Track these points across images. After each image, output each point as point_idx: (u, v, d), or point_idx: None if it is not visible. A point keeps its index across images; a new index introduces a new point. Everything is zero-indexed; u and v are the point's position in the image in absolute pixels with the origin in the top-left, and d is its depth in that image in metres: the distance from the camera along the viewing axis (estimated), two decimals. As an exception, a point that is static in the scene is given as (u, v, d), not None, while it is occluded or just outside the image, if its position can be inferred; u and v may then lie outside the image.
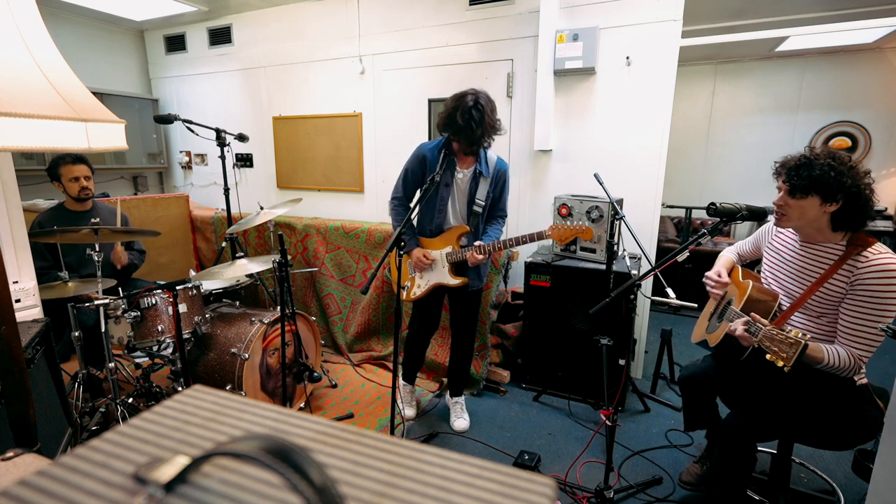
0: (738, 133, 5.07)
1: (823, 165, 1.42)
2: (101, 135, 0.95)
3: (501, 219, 2.32)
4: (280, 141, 3.98)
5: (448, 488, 0.35)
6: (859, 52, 4.44)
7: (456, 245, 2.21)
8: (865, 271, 1.42)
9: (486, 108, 1.98)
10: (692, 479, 1.96)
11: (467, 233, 2.20)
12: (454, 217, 2.24)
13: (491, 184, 2.18)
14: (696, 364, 1.94)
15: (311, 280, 3.51)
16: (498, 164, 2.20)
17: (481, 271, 2.31)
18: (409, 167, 2.23)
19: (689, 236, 4.67)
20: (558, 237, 2.07)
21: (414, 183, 2.25)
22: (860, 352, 1.43)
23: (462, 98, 2.00)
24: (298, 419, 0.44)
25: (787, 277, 1.65)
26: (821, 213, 1.47)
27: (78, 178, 2.54)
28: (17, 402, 1.11)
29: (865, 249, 1.44)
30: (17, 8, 0.87)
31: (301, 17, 3.66)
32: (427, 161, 2.18)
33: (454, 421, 2.49)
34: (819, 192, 1.43)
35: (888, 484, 1.27)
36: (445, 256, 2.21)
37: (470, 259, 2.12)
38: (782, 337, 1.34)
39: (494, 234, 2.26)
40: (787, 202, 1.51)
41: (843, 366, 1.44)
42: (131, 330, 2.10)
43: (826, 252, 1.54)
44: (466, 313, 2.37)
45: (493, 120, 2.02)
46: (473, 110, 1.95)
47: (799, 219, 1.51)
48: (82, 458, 0.37)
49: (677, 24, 2.58)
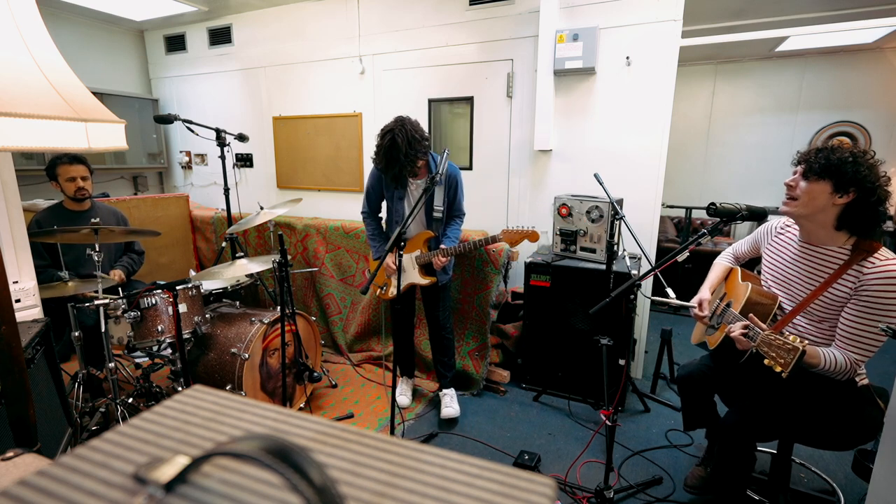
0: (738, 133, 5.07)
1: (845, 153, 1.41)
2: (101, 135, 0.95)
3: (459, 218, 2.49)
4: (280, 141, 3.98)
5: (448, 488, 0.35)
6: (859, 52, 4.45)
7: (423, 248, 2.42)
8: (872, 277, 1.39)
9: (402, 145, 2.10)
10: (697, 482, 1.95)
11: (432, 237, 2.40)
12: (414, 224, 2.42)
13: (444, 189, 2.34)
14: (694, 363, 1.94)
15: (311, 280, 3.51)
16: (449, 170, 2.33)
17: (446, 267, 2.49)
18: (369, 184, 2.48)
19: (689, 236, 4.67)
20: (510, 240, 2.24)
21: (376, 197, 2.50)
22: (857, 356, 1.42)
23: (382, 137, 2.17)
24: (298, 419, 0.44)
25: (787, 280, 1.64)
26: (829, 203, 1.44)
27: (74, 178, 2.53)
28: (17, 402, 1.11)
29: (872, 255, 1.42)
30: (17, 8, 0.87)
31: (301, 17, 3.66)
32: (382, 178, 2.39)
33: (442, 410, 2.56)
34: (833, 177, 1.41)
35: (888, 484, 1.27)
36: (414, 259, 2.41)
37: (436, 263, 2.33)
38: (780, 342, 1.33)
39: (454, 235, 2.45)
40: (799, 183, 1.48)
41: (839, 370, 1.43)
42: (131, 330, 2.10)
43: (829, 256, 1.51)
44: (435, 304, 2.56)
45: (413, 152, 2.13)
46: (392, 150, 2.12)
47: (806, 204, 1.47)
48: (82, 458, 0.37)
49: (677, 24, 2.58)
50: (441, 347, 2.63)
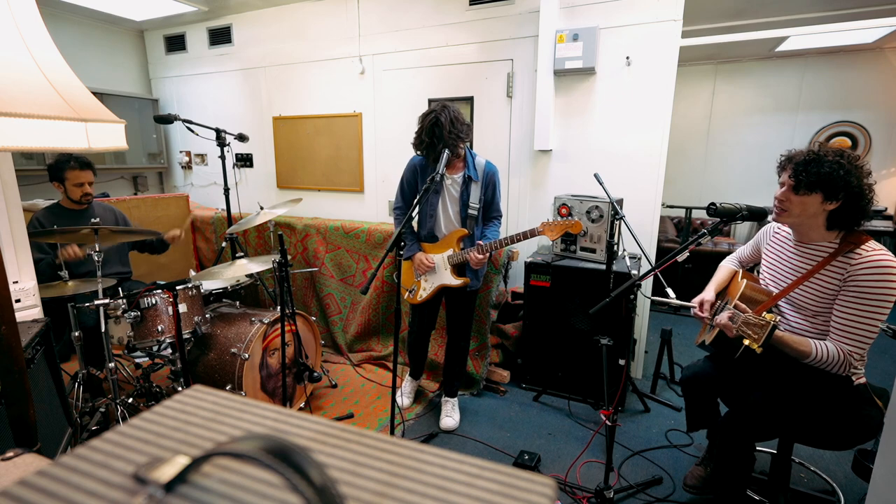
0: (738, 133, 5.07)
1: (833, 163, 1.41)
2: (101, 135, 0.95)
3: (497, 220, 2.39)
4: (280, 141, 3.98)
5: (448, 488, 0.35)
6: (859, 52, 4.45)
7: (456, 248, 2.30)
8: (859, 268, 1.42)
9: (446, 123, 2.06)
10: (696, 482, 1.95)
11: (466, 236, 2.29)
12: (446, 221, 2.33)
13: (482, 187, 2.25)
14: (698, 364, 1.94)
15: (311, 280, 3.51)
16: (487, 168, 2.27)
17: (479, 273, 2.39)
18: (404, 177, 2.36)
19: (689, 236, 4.67)
20: (550, 233, 2.16)
21: (410, 191, 2.36)
22: (851, 347, 1.43)
23: (423, 119, 2.13)
24: (298, 419, 0.44)
25: (782, 277, 1.65)
26: (820, 209, 1.47)
27: (83, 183, 2.54)
28: (17, 402, 1.11)
29: (858, 246, 1.44)
30: (17, 8, 0.87)
31: (301, 17, 3.66)
32: (418, 169, 2.30)
33: (442, 419, 2.51)
34: (823, 189, 1.43)
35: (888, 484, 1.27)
36: (447, 259, 2.30)
37: (472, 259, 2.20)
38: (755, 321, 1.37)
39: (492, 235, 2.33)
40: (790, 198, 1.50)
41: (831, 361, 1.44)
42: (131, 330, 2.10)
43: (819, 251, 1.54)
44: (463, 312, 2.45)
45: (456, 131, 2.09)
46: (435, 127, 2.07)
47: (799, 214, 1.51)
48: (82, 458, 0.37)
49: (677, 24, 2.58)
50: (457, 357, 2.54)
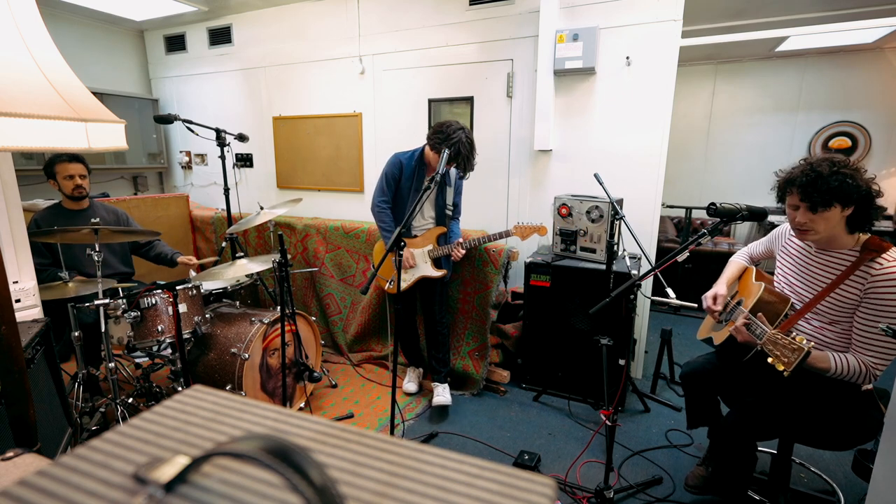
0: (738, 133, 5.07)
1: (837, 175, 1.41)
2: (101, 135, 0.95)
3: (458, 218, 2.69)
4: (280, 141, 3.98)
5: (448, 488, 0.35)
6: (859, 52, 4.44)
7: (435, 244, 2.56)
8: (880, 279, 1.39)
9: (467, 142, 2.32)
10: (697, 482, 1.95)
11: (444, 233, 2.57)
12: (421, 218, 2.58)
13: (454, 190, 2.55)
14: (698, 360, 1.93)
15: (311, 280, 3.51)
16: (457, 174, 2.54)
17: (452, 264, 2.66)
18: (388, 171, 2.50)
19: (689, 236, 4.67)
20: (520, 234, 2.47)
21: (392, 186, 2.51)
22: (873, 360, 1.41)
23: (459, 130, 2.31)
24: (298, 419, 0.44)
25: (800, 283, 1.64)
26: (840, 217, 1.47)
27: (72, 175, 2.53)
28: (17, 402, 1.11)
29: (880, 255, 1.42)
30: (17, 8, 0.87)
31: (301, 17, 3.66)
32: (403, 167, 2.48)
33: (434, 398, 2.62)
34: (840, 200, 1.42)
35: (888, 484, 1.27)
36: (428, 253, 2.55)
37: (455, 255, 2.49)
38: (786, 342, 1.33)
39: (457, 232, 2.65)
40: (812, 218, 1.48)
41: (852, 373, 1.42)
42: (131, 330, 2.10)
43: (840, 258, 1.52)
44: (433, 299, 2.65)
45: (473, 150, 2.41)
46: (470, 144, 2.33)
47: (825, 230, 1.49)
48: (82, 458, 0.37)
49: (677, 24, 2.58)
50: (435, 343, 2.71)
